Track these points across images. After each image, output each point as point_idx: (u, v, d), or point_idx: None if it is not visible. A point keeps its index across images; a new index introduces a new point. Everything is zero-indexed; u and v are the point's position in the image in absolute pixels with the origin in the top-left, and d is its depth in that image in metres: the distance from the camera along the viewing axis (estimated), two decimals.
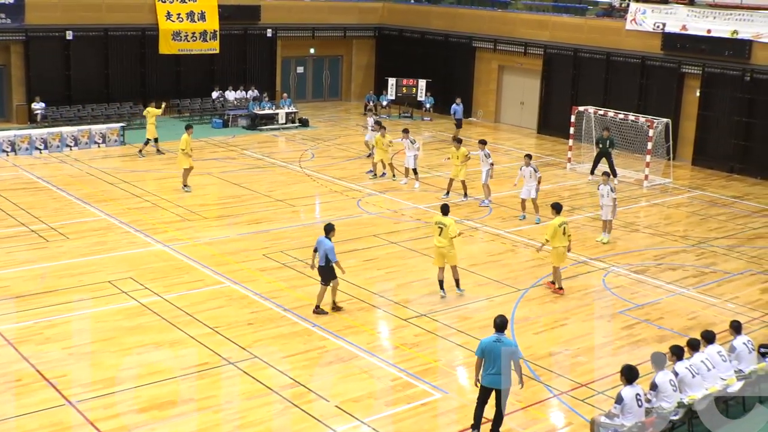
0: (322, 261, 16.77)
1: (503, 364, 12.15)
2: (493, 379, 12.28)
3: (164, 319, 16.52)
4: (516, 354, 12.43)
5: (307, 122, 38.08)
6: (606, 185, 22.14)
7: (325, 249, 16.64)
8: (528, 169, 23.82)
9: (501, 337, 12.31)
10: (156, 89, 37.92)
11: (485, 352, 12.26)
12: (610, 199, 21.98)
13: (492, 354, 12.20)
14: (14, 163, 29.00)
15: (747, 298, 18.94)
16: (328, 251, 16.62)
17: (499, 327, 12.41)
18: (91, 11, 36.37)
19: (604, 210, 22.36)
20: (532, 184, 23.74)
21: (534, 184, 23.74)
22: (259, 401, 13.52)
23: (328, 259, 16.68)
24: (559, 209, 18.68)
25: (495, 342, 12.24)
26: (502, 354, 12.14)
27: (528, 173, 23.81)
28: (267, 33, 41.32)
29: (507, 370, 12.22)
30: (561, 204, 18.92)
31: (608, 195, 22.00)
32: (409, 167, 27.64)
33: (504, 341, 12.29)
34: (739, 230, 24.22)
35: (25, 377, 13.97)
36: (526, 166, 23.88)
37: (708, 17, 31.99)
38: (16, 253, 20.00)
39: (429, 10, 43.51)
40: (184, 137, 25.99)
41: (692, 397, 12.64)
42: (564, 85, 36.86)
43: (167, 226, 22.55)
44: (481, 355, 12.33)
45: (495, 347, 12.20)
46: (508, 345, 12.34)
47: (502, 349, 12.17)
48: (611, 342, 16.35)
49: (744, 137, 31.31)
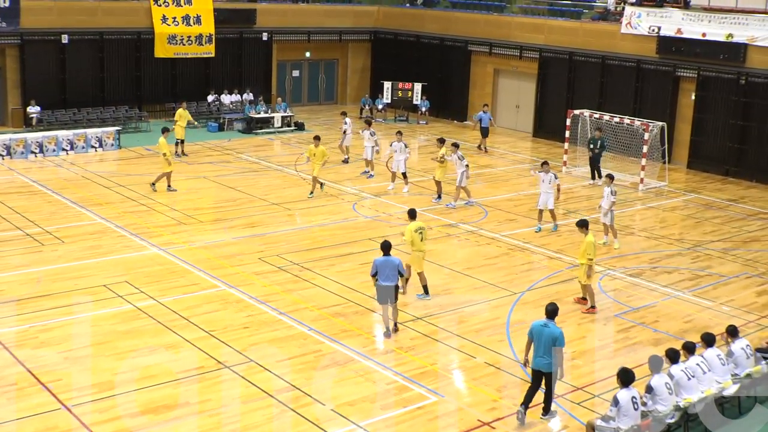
0: (393, 279, 15.84)
1: (546, 349, 12.92)
2: (538, 362, 13.06)
3: (160, 322, 16.49)
4: (558, 341, 12.91)
5: (302, 126, 38.08)
6: (608, 187, 22.02)
7: (397, 265, 15.86)
8: (548, 176, 23.03)
9: (549, 323, 13.07)
10: (152, 93, 37.96)
11: (533, 334, 13.12)
12: (609, 202, 21.90)
13: (538, 338, 13.03)
14: (9, 167, 28.96)
15: (742, 301, 18.97)
16: (400, 266, 15.94)
17: (549, 314, 13.17)
18: (87, 15, 36.37)
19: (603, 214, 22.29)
20: (550, 193, 23.14)
21: (552, 192, 23.12)
22: (255, 405, 13.50)
23: (398, 275, 15.95)
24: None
25: (542, 326, 13.05)
26: (545, 339, 12.90)
27: (548, 180, 23.05)
28: (262, 36, 41.33)
29: (549, 355, 12.95)
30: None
31: (607, 197, 21.95)
32: (399, 171, 27.42)
33: (550, 327, 13.01)
34: (734, 233, 24.26)
35: (21, 381, 13.94)
36: (546, 174, 23.09)
37: (703, 21, 32.04)
38: (12, 257, 19.96)
39: (424, 14, 43.55)
40: (162, 141, 26.15)
41: (688, 399, 12.65)
42: (559, 88, 36.91)
43: (163, 229, 22.53)
44: (530, 336, 13.18)
45: (541, 331, 13.02)
46: (553, 331, 12.95)
47: (546, 334, 12.93)
48: (607, 345, 16.37)
49: (739, 140, 31.37)
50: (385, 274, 15.81)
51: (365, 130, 29.47)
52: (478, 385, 14.59)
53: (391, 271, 15.82)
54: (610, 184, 22.10)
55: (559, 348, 12.91)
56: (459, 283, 19.41)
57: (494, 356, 15.60)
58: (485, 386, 14.52)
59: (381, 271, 15.84)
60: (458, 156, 25.50)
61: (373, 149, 29.15)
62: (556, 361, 12.97)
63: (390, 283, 15.81)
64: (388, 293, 15.88)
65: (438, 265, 20.45)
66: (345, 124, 31.29)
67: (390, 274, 15.82)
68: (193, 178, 28.21)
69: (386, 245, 16.08)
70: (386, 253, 15.97)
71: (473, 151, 33.87)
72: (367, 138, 29.21)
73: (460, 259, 21.09)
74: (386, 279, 15.81)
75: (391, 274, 15.82)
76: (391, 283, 15.82)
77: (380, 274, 15.85)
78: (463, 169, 25.40)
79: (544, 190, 23.26)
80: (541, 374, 13.09)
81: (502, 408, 13.75)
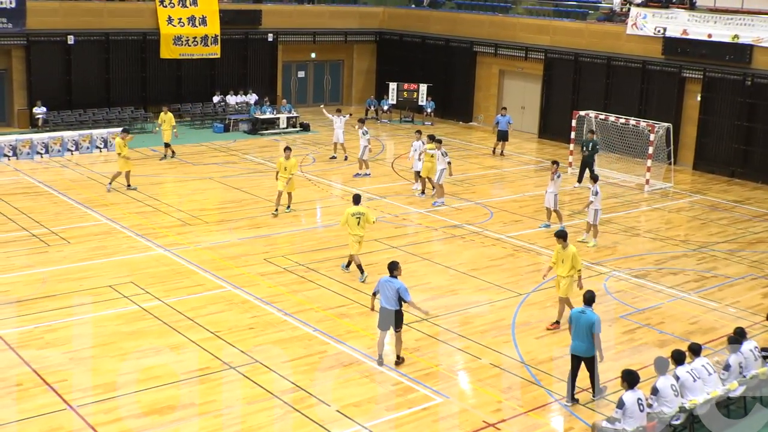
0: (393, 304, 14.76)
1: (584, 334, 13.59)
2: (576, 347, 13.74)
3: (165, 323, 16.51)
4: (594, 327, 13.53)
5: (308, 127, 38.10)
6: (592, 187, 22.30)
7: (398, 289, 14.65)
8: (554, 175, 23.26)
9: (586, 310, 13.72)
10: (157, 94, 37.98)
11: (572, 321, 13.85)
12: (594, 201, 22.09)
13: (576, 324, 13.72)
14: (15, 168, 29.01)
15: (748, 302, 18.93)
16: (401, 291, 14.66)
17: (587, 301, 13.82)
18: (93, 16, 36.44)
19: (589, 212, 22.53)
20: (552, 192, 23.32)
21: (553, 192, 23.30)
22: (259, 406, 13.51)
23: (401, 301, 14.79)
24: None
25: (580, 313, 13.73)
26: (583, 325, 13.57)
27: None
28: (268, 37, 41.35)
29: (587, 340, 13.60)
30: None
31: (591, 197, 22.13)
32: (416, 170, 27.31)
33: (587, 313, 13.65)
34: (740, 234, 24.21)
35: (26, 382, 13.96)
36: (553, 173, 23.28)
37: (709, 22, 32.00)
38: (17, 258, 20.00)
39: (429, 15, 43.55)
40: (118, 141, 26.29)
41: (693, 401, 12.62)
42: (565, 89, 36.87)
43: (168, 230, 22.56)
44: (570, 322, 13.94)
45: (578, 318, 13.70)
46: (589, 317, 13.59)
47: (584, 320, 13.59)
48: (612, 346, 16.31)
49: (745, 141, 31.31)
50: (385, 295, 14.75)
51: (359, 129, 29.36)
52: (483, 386, 14.57)
53: (391, 293, 14.66)
54: (594, 184, 22.38)
55: (596, 333, 13.52)
56: (464, 284, 19.40)
57: (499, 357, 15.59)
58: (490, 387, 14.50)
59: (381, 291, 14.86)
60: (441, 152, 25.67)
61: (365, 148, 29.08)
62: (597, 347, 13.63)
63: (389, 306, 14.70)
64: (388, 318, 14.79)
65: (443, 266, 20.45)
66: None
67: (390, 297, 14.68)
68: (198, 179, 28.24)
69: (393, 266, 14.99)
70: (391, 274, 14.87)
71: (485, 156, 33.84)
72: (360, 137, 29.12)
73: (465, 260, 21.07)
74: (386, 301, 14.75)
75: (391, 297, 14.67)
76: (390, 307, 14.70)
77: (381, 294, 14.89)
78: (444, 166, 25.53)
79: (550, 189, 23.41)
80: (579, 359, 13.74)
81: (507, 409, 13.73)
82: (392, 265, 15.03)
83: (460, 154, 33.75)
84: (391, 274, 14.86)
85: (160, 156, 31.20)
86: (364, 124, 29.79)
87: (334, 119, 30.96)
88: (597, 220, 22.38)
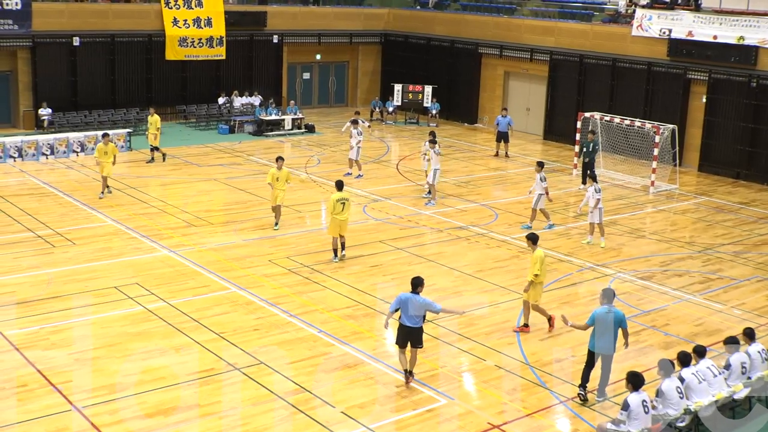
0: (418, 321, 14.09)
1: (611, 332, 13.72)
2: (601, 345, 13.80)
3: (170, 324, 16.53)
4: (623, 322, 13.84)
5: (313, 128, 38.11)
6: (591, 186, 22.51)
7: (423, 305, 14.01)
8: (538, 176, 23.39)
9: (612, 308, 13.77)
10: (162, 95, 38.06)
11: (598, 320, 13.75)
12: (595, 200, 22.15)
13: (603, 323, 13.71)
14: (21, 169, 29.07)
15: (753, 304, 18.89)
16: (428, 306, 14.06)
17: (609, 299, 13.88)
18: (98, 17, 36.51)
19: (590, 213, 22.57)
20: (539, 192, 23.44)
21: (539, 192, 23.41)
22: (264, 407, 13.52)
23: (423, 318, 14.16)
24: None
25: (606, 313, 13.72)
26: (611, 323, 13.70)
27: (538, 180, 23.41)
28: (273, 39, 41.38)
29: (612, 337, 13.77)
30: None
31: (593, 196, 22.20)
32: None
33: (613, 311, 13.74)
34: (745, 236, 24.17)
35: (31, 382, 13.99)
36: (538, 173, 23.46)
37: (714, 23, 31.96)
38: (23, 259, 20.03)
39: (434, 17, 43.55)
40: (99, 146, 25.77)
41: (699, 403, 12.60)
42: (570, 91, 36.84)
43: (173, 231, 22.58)
44: (592, 323, 13.83)
45: (606, 317, 13.71)
46: (617, 314, 13.78)
47: (612, 319, 13.70)
48: (617, 348, 16.28)
49: (750, 143, 31.25)
50: (407, 313, 13.94)
51: (353, 129, 29.18)
52: (488, 387, 14.57)
53: (418, 311, 13.97)
54: (593, 183, 22.64)
55: (624, 329, 13.89)
56: (469, 285, 19.39)
57: (504, 359, 15.57)
58: (494, 389, 14.50)
59: (404, 309, 13.95)
60: (435, 151, 25.75)
61: (358, 149, 28.97)
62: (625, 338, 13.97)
63: (412, 324, 13.97)
64: (411, 336, 14.09)
65: (448, 267, 20.45)
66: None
67: (414, 315, 13.96)
68: (203, 181, 28.27)
69: (417, 281, 14.11)
70: (414, 290, 14.02)
71: (489, 158, 33.85)
72: (354, 136, 28.91)
73: (470, 261, 21.06)
74: (410, 320, 13.96)
75: (416, 314, 13.98)
76: (415, 325, 13.99)
77: (403, 312, 13.99)
78: (437, 166, 25.71)
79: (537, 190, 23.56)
80: (598, 356, 13.86)
81: (512, 411, 13.72)
82: (417, 280, 14.13)
83: (464, 155, 33.77)
84: (415, 290, 14.03)
85: (147, 159, 30.87)
86: (359, 125, 29.72)
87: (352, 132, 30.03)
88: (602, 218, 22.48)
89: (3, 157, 29.83)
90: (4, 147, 29.93)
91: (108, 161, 25.45)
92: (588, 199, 22.46)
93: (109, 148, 25.59)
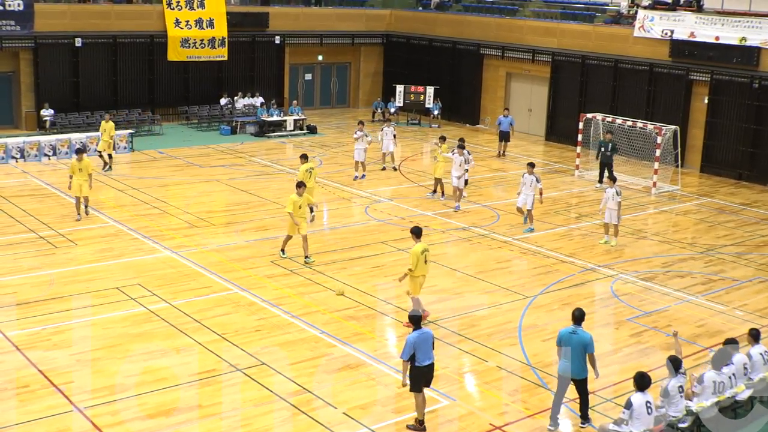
0: (432, 356, 13.03)
1: (577, 355, 12.81)
2: (567, 368, 12.91)
3: (172, 325, 16.53)
4: (588, 347, 12.85)
5: (315, 129, 38.13)
6: (612, 188, 22.44)
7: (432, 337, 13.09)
8: (530, 177, 23.34)
9: (577, 330, 12.90)
10: (164, 96, 38.11)
11: (562, 341, 12.96)
12: (615, 202, 22.10)
13: (567, 344, 12.88)
14: (23, 170, 29.09)
15: (755, 305, 18.87)
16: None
17: (577, 319, 12.98)
18: (100, 18, 36.54)
19: (608, 213, 22.46)
20: (530, 194, 23.37)
21: (532, 194, 23.37)
22: (266, 408, 13.51)
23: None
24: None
25: (571, 333, 12.89)
26: (576, 345, 12.80)
27: (529, 182, 23.33)
28: (275, 40, 41.41)
29: (580, 360, 12.85)
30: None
31: (614, 198, 22.13)
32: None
33: (579, 333, 12.86)
34: (747, 237, 24.15)
35: (33, 383, 13.99)
36: (529, 175, 23.40)
37: (716, 24, 31.94)
38: (25, 260, 20.04)
39: (436, 18, 43.55)
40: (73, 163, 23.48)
41: (701, 404, 12.59)
42: (572, 92, 36.84)
43: (175, 232, 22.59)
44: (559, 344, 13.02)
45: (570, 338, 12.87)
46: (582, 337, 12.84)
47: (576, 341, 12.80)
48: (619, 349, 16.31)
49: (752, 144, 31.24)
50: (423, 350, 12.83)
51: (359, 131, 28.97)
52: (490, 389, 14.56)
53: (430, 346, 12.97)
54: (613, 185, 22.59)
55: (591, 354, 12.90)
56: (471, 286, 19.38)
57: (506, 360, 15.57)
58: (497, 390, 14.49)
59: (418, 349, 12.74)
60: (464, 158, 25.81)
61: (365, 151, 28.91)
62: (593, 366, 12.98)
63: (430, 361, 12.94)
64: (429, 374, 13.06)
65: (450, 268, 20.44)
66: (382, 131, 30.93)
67: (428, 350, 12.92)
68: (205, 182, 28.28)
69: (417, 318, 13.10)
70: (418, 326, 12.96)
71: (491, 158, 33.84)
72: (362, 139, 28.77)
73: (471, 262, 21.06)
74: (426, 357, 12.87)
75: (430, 349, 12.96)
76: (430, 361, 12.96)
77: (418, 352, 12.75)
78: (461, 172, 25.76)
79: (525, 191, 23.44)
80: (567, 379, 13.00)
81: (514, 412, 13.72)
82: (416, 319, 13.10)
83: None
84: (419, 325, 13.00)
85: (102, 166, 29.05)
86: (365, 126, 29.68)
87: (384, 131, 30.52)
88: (619, 220, 22.58)
89: (5, 157, 29.86)
90: (6, 148, 29.96)
91: (83, 180, 22.96)
92: (607, 200, 22.39)
93: (83, 164, 23.04)
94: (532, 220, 23.88)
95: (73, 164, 23.35)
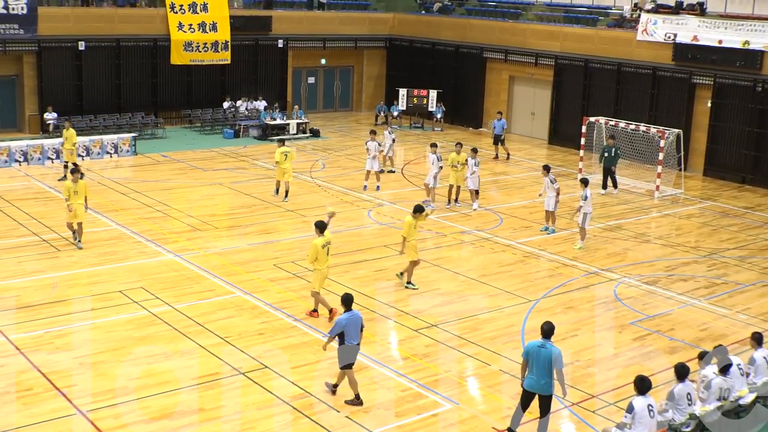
0: (358, 337, 13.95)
1: (544, 370, 12.35)
2: (534, 383, 12.47)
3: (174, 328, 16.53)
4: (557, 362, 12.39)
5: (318, 132, 38.15)
6: (584, 191, 22.50)
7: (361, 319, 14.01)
8: (546, 179, 23.78)
9: (546, 343, 12.44)
10: (168, 100, 38.14)
11: (530, 355, 12.49)
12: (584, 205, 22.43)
13: (535, 359, 12.39)
14: (26, 173, 29.13)
15: (759, 309, 18.85)
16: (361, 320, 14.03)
17: (545, 333, 12.54)
18: (104, 22, 36.56)
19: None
20: (551, 196, 23.70)
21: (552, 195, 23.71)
22: (269, 411, 13.51)
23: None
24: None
25: (539, 347, 12.42)
26: (543, 360, 12.33)
27: (546, 183, 23.78)
28: (278, 44, 41.42)
29: (547, 376, 12.38)
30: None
31: (582, 200, 22.45)
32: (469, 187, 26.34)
33: (547, 347, 12.40)
34: (750, 241, 24.12)
35: (36, 386, 14.00)
36: (545, 177, 23.83)
37: (719, 28, 31.93)
38: (28, 263, 20.06)
39: (439, 21, 43.57)
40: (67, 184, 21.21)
41: (704, 409, 12.57)
42: (575, 95, 36.84)
43: (178, 236, 22.60)
44: (526, 357, 12.57)
45: (538, 352, 12.39)
46: (550, 352, 12.38)
47: (543, 355, 12.35)
48: (622, 353, 16.29)
49: (755, 148, 31.20)
50: (351, 332, 13.74)
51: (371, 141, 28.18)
52: (493, 392, 14.55)
53: (358, 327, 13.89)
54: (584, 188, 22.61)
55: (559, 369, 12.45)
56: (474, 290, 19.37)
57: (509, 364, 15.53)
58: (500, 394, 14.47)
59: (348, 329, 13.71)
60: (436, 156, 26.00)
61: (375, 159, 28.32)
62: (561, 383, 12.55)
63: (356, 341, 13.84)
64: (356, 353, 13.97)
65: (453, 272, 20.44)
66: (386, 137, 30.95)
67: (356, 332, 13.84)
68: (208, 185, 28.30)
69: (349, 299, 14.01)
70: (349, 308, 13.90)
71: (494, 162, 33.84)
72: (373, 150, 28.02)
73: (474, 266, 21.05)
74: (353, 338, 13.78)
75: (358, 331, 13.89)
76: (356, 341, 13.85)
77: (347, 333, 13.71)
78: (436, 170, 25.90)
79: (548, 194, 23.84)
80: (533, 395, 12.57)
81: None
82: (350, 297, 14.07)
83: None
84: (350, 307, 13.93)
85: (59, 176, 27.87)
86: (377, 135, 29.45)
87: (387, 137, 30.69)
88: (586, 223, 22.56)
89: (8, 161, 29.90)
90: (10, 151, 30.00)
91: (79, 202, 20.96)
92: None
93: (79, 186, 20.99)
94: (553, 221, 24.05)
95: (68, 186, 20.97)
